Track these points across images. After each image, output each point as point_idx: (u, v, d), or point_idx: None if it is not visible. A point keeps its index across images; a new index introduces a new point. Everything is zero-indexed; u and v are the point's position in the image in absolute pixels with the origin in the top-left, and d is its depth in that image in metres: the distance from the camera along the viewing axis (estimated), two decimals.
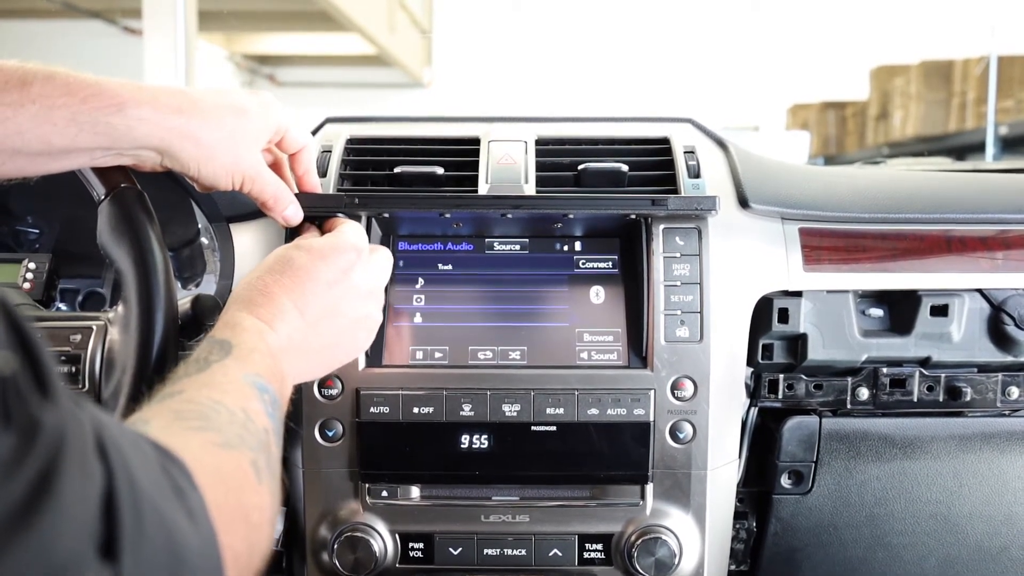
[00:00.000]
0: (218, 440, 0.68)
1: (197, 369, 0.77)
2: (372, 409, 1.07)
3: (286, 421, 1.10)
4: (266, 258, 0.95)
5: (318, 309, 0.92)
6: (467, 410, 1.07)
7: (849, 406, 1.21)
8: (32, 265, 1.37)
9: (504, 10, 9.30)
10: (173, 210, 1.23)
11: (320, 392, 1.08)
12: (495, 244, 1.15)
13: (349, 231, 1.00)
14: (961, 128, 6.10)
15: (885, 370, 1.20)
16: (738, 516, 1.24)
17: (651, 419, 1.07)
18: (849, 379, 1.20)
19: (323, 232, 1.03)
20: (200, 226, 1.28)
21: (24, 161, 0.86)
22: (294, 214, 1.02)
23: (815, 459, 1.22)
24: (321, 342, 0.93)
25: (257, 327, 0.85)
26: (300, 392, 1.08)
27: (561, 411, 1.07)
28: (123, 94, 0.85)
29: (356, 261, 0.96)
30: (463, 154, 1.19)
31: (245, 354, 0.81)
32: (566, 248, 1.15)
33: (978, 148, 5.86)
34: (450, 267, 1.14)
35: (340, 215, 1.06)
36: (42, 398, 0.46)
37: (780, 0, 9.26)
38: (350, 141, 1.21)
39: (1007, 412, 1.23)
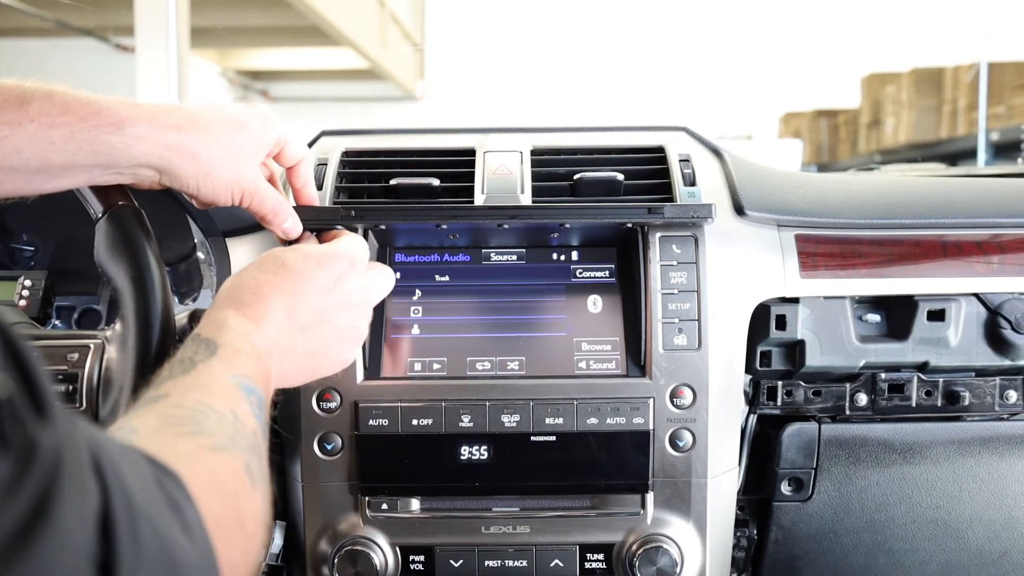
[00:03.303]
0: (209, 444, 0.67)
1: (182, 370, 0.76)
2: (371, 422, 1.07)
3: (284, 433, 1.11)
4: (260, 257, 0.94)
5: (307, 313, 0.91)
6: (466, 421, 1.07)
7: (848, 412, 1.21)
8: (28, 283, 1.36)
9: (496, 22, 9.33)
10: (169, 225, 1.23)
11: (318, 405, 1.08)
12: (492, 254, 1.15)
13: (348, 241, 1.00)
14: (953, 135, 6.13)
15: (883, 375, 1.20)
16: (739, 524, 1.24)
17: (650, 427, 1.07)
18: (847, 385, 1.21)
19: (322, 243, 1.03)
20: (196, 241, 1.28)
21: (22, 180, 0.85)
22: (293, 227, 1.02)
23: (815, 466, 1.22)
24: (306, 347, 0.92)
25: (243, 327, 0.84)
26: (298, 406, 1.08)
27: (560, 421, 1.07)
28: (121, 112, 0.85)
29: (350, 270, 0.96)
30: (459, 165, 1.19)
31: (231, 354, 0.80)
32: (563, 258, 1.15)
33: (970, 154, 5.89)
34: (447, 278, 1.14)
35: (340, 228, 1.06)
36: (39, 419, 0.45)
37: (772, 10, 9.30)
38: (346, 154, 1.21)
39: (1005, 416, 1.23)
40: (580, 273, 1.14)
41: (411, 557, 1.10)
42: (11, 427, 0.43)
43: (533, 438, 1.07)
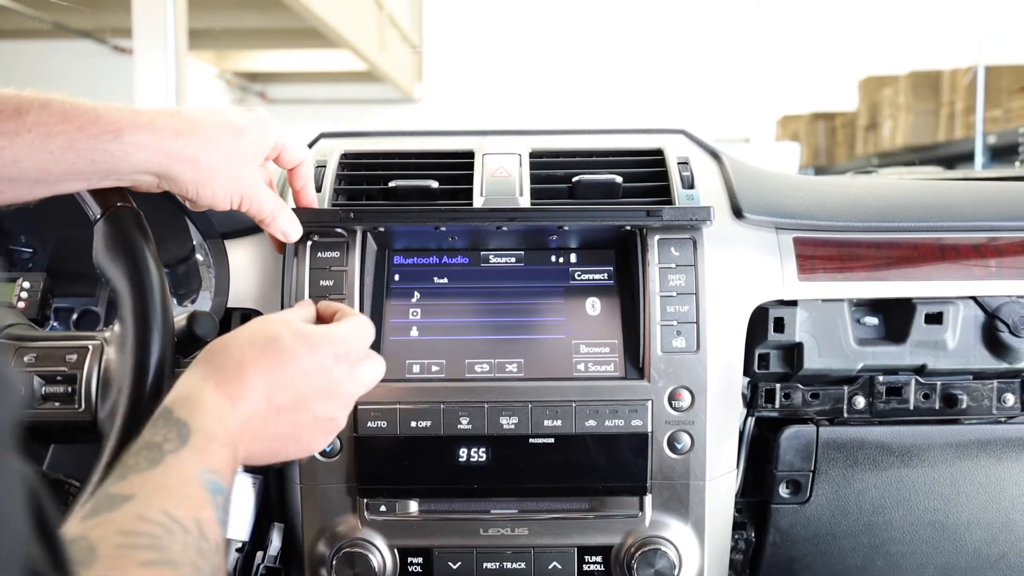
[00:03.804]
0: None
1: (149, 462, 0.72)
2: (370, 424, 1.07)
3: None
4: (253, 325, 0.89)
5: (287, 398, 0.86)
6: (465, 423, 1.07)
7: (846, 415, 1.21)
8: (27, 284, 1.36)
9: (495, 24, 9.33)
10: (168, 227, 1.23)
11: None
12: (490, 257, 1.15)
13: (348, 327, 0.93)
14: (950, 138, 6.14)
15: (881, 378, 1.20)
16: (737, 526, 1.24)
17: (649, 430, 1.07)
18: (845, 388, 1.21)
19: (320, 315, 0.98)
20: (195, 242, 1.28)
21: (22, 189, 0.85)
22: (291, 229, 1.02)
23: (813, 468, 1.22)
24: (279, 431, 0.86)
25: (218, 407, 0.80)
26: None
27: (559, 423, 1.07)
28: (120, 120, 0.85)
29: (342, 360, 0.91)
30: (457, 167, 1.19)
31: (202, 444, 0.76)
32: (561, 260, 1.15)
33: (967, 158, 5.89)
34: (446, 280, 1.14)
35: (347, 308, 1.00)
36: (58, 573, 0.45)
37: (770, 13, 9.31)
38: (344, 156, 1.21)
39: (1003, 419, 1.23)
40: (579, 275, 1.14)
41: (409, 559, 1.10)
42: None
43: (531, 440, 1.07)
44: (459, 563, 1.10)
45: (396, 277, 1.13)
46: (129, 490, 0.69)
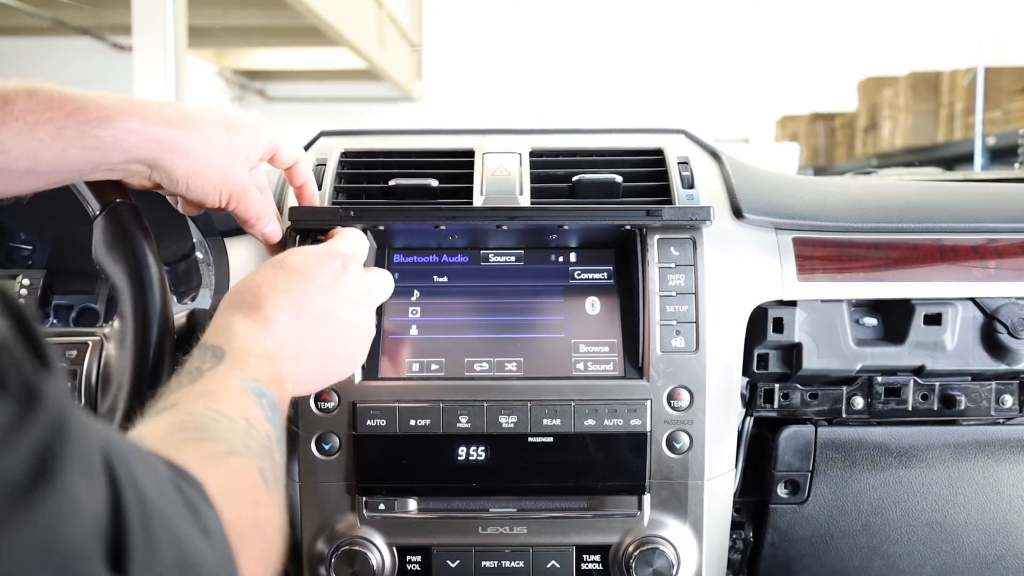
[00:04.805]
0: (222, 449, 0.66)
1: (190, 380, 0.75)
2: (369, 422, 1.07)
3: (296, 429, 1.11)
4: (260, 264, 0.94)
5: (313, 313, 0.90)
6: (464, 422, 1.07)
7: (844, 415, 1.21)
8: (26, 281, 1.36)
9: (495, 23, 9.33)
10: (168, 225, 1.23)
11: (316, 405, 1.08)
12: (490, 256, 1.15)
13: (346, 237, 1.00)
14: (949, 139, 6.15)
15: (880, 379, 1.20)
16: (735, 526, 1.24)
17: (648, 429, 1.07)
18: (844, 388, 1.21)
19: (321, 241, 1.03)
20: (195, 240, 1.28)
21: (13, 180, 0.84)
22: (273, 232, 1.01)
23: (811, 468, 1.22)
24: (317, 347, 0.91)
25: (250, 330, 0.84)
26: (296, 406, 1.08)
27: (558, 422, 1.07)
28: (109, 106, 0.84)
29: (349, 265, 0.96)
30: (458, 166, 1.19)
31: (239, 359, 0.79)
32: (561, 259, 1.15)
33: (966, 159, 5.90)
34: (445, 279, 1.14)
35: (339, 227, 1.06)
36: (40, 367, 0.43)
37: (769, 13, 9.31)
38: (344, 154, 1.22)
39: (1001, 420, 1.24)
40: (578, 275, 1.14)
41: (408, 557, 1.10)
42: (10, 371, 0.41)
43: (531, 439, 1.07)
44: (457, 561, 1.10)
45: (396, 275, 1.13)
46: (173, 402, 0.72)
